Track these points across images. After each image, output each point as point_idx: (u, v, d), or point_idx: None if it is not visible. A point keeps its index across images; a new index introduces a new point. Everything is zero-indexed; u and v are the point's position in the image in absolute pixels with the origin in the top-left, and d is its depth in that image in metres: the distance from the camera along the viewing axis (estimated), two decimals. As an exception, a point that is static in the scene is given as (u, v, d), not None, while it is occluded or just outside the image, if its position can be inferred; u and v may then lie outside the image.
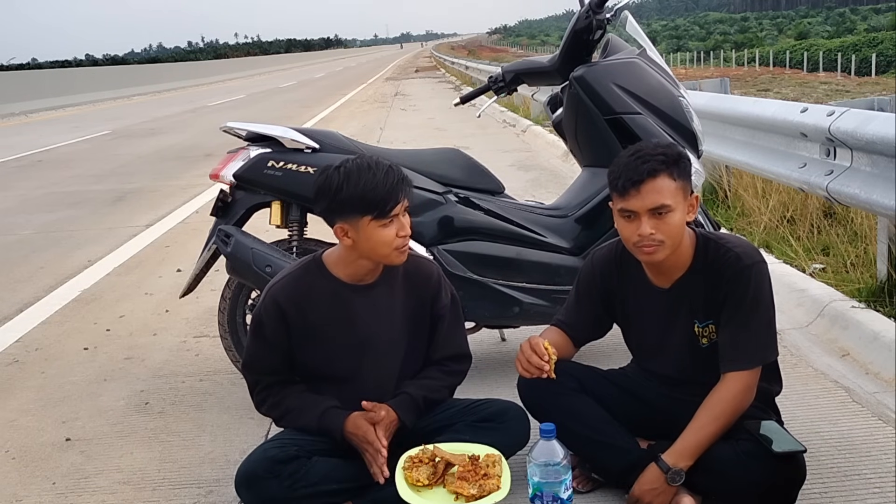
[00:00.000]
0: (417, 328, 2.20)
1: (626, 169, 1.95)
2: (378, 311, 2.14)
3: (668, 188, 1.93)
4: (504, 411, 2.17)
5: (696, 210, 2.02)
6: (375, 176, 1.97)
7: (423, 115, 14.36)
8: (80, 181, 8.96)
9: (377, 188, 1.97)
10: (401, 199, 2.00)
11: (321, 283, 2.12)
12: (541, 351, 2.00)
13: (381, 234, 2.00)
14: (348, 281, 2.12)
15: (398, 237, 2.02)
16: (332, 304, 2.11)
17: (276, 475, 1.98)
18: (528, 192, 6.19)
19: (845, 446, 2.29)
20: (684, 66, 47.64)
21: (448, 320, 2.22)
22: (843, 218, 4.37)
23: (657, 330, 2.14)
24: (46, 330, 3.89)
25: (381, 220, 1.98)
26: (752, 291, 1.98)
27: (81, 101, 27.21)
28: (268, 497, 1.99)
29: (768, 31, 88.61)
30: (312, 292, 2.11)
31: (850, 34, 61.48)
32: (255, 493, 2.00)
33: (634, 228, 1.96)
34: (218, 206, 2.79)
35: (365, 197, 1.96)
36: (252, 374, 2.20)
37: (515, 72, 3.21)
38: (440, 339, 2.22)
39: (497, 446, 2.06)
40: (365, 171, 1.98)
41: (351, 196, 1.97)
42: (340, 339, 2.13)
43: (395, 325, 2.17)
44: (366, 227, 1.99)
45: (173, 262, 4.97)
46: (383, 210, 1.98)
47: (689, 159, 2.03)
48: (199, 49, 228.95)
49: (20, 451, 2.65)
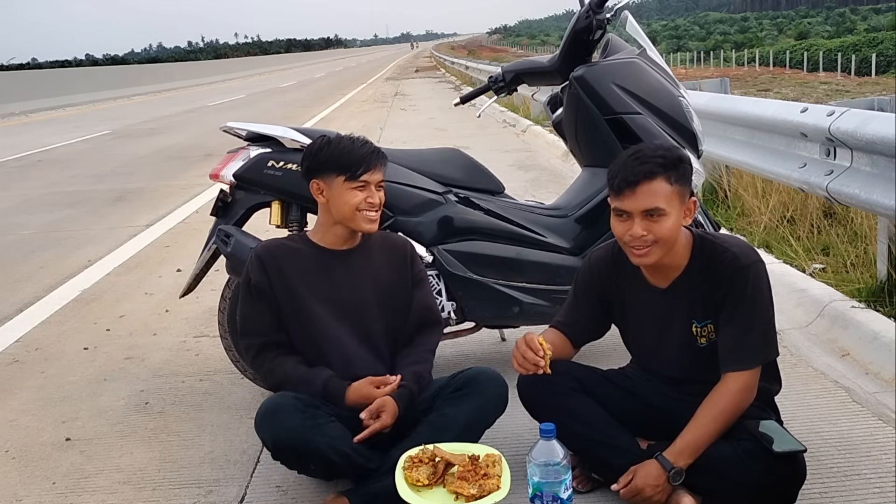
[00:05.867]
0: (397, 293, 2.34)
1: (624, 168, 1.96)
2: (356, 275, 2.29)
3: (663, 191, 1.94)
4: (475, 376, 2.23)
5: (692, 215, 2.02)
6: (354, 144, 2.24)
7: (423, 115, 14.36)
8: (80, 181, 8.96)
9: (353, 153, 2.22)
10: (372, 168, 2.22)
11: (302, 247, 2.31)
12: (535, 347, 2.01)
13: (350, 195, 2.21)
14: (327, 246, 2.29)
15: (366, 202, 2.21)
16: (311, 267, 2.27)
17: (301, 411, 2.06)
18: (528, 192, 6.19)
19: (845, 446, 2.29)
20: (684, 66, 47.64)
21: (423, 286, 2.42)
22: (843, 218, 4.37)
23: (655, 330, 2.14)
24: (46, 330, 3.89)
25: (352, 182, 2.20)
26: (751, 291, 1.98)
27: (81, 101, 27.21)
28: (288, 427, 2.02)
29: (768, 31, 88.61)
30: (293, 254, 2.29)
31: (850, 34, 61.45)
32: (276, 423, 2.04)
33: (626, 228, 1.97)
34: (218, 206, 2.79)
35: (341, 158, 2.21)
36: (246, 338, 2.29)
37: (515, 72, 3.21)
38: (417, 303, 2.37)
39: (477, 412, 2.15)
40: (346, 140, 2.26)
41: (329, 156, 2.22)
42: (321, 301, 2.24)
43: (374, 288, 2.30)
44: (339, 186, 2.21)
45: (173, 262, 4.97)
46: (354, 173, 2.20)
47: (689, 164, 2.03)
48: (199, 49, 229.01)
49: (20, 451, 2.65)
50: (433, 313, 2.42)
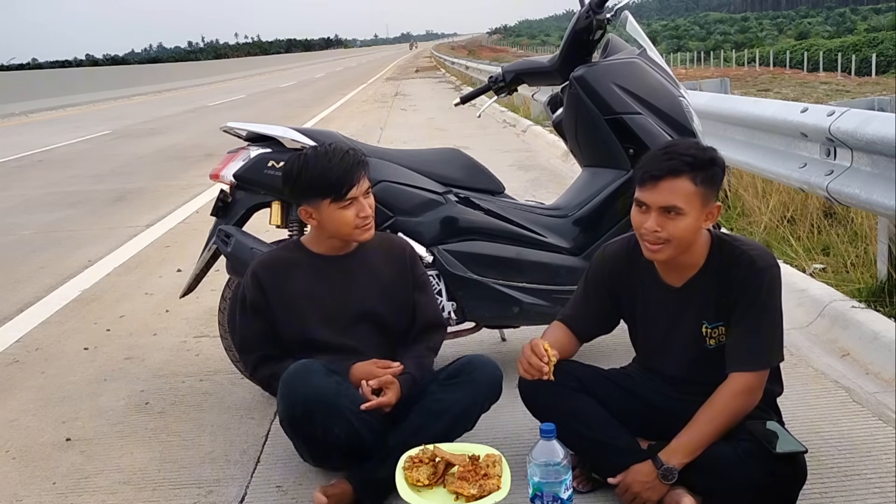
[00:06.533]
0: (397, 296, 2.30)
1: (652, 161, 1.95)
2: (354, 280, 2.25)
3: (684, 191, 1.91)
4: (469, 363, 2.23)
5: (714, 219, 1.99)
6: (331, 161, 2.12)
7: (423, 115, 14.36)
8: (80, 181, 8.96)
9: (331, 171, 2.11)
10: (356, 182, 2.13)
11: (298, 256, 2.27)
12: (540, 352, 2.01)
13: (341, 215, 2.14)
14: (323, 254, 2.26)
15: (358, 217, 2.15)
16: (308, 274, 2.23)
17: (327, 375, 2.06)
18: (528, 192, 6.19)
19: (845, 446, 2.29)
20: (684, 66, 47.64)
21: (427, 290, 2.39)
22: (843, 218, 4.37)
23: (664, 328, 2.13)
24: (46, 330, 3.89)
25: (340, 202, 2.12)
26: (765, 295, 1.97)
27: (81, 101, 27.20)
28: (318, 385, 2.01)
29: (768, 31, 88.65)
30: (290, 264, 2.24)
31: (850, 34, 61.51)
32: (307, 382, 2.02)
33: (643, 220, 1.97)
34: (218, 206, 2.79)
35: (322, 181, 2.11)
36: (245, 355, 2.28)
37: (515, 72, 3.22)
38: (422, 307, 2.35)
39: (471, 398, 2.14)
40: (322, 157, 2.13)
41: (310, 181, 2.12)
42: (318, 308, 2.22)
43: (374, 290, 2.27)
44: (326, 209, 2.14)
45: (173, 262, 4.97)
46: (339, 193, 2.12)
47: (722, 167, 1.98)
48: (199, 49, 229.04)
49: (20, 451, 2.65)
50: (437, 317, 2.41)
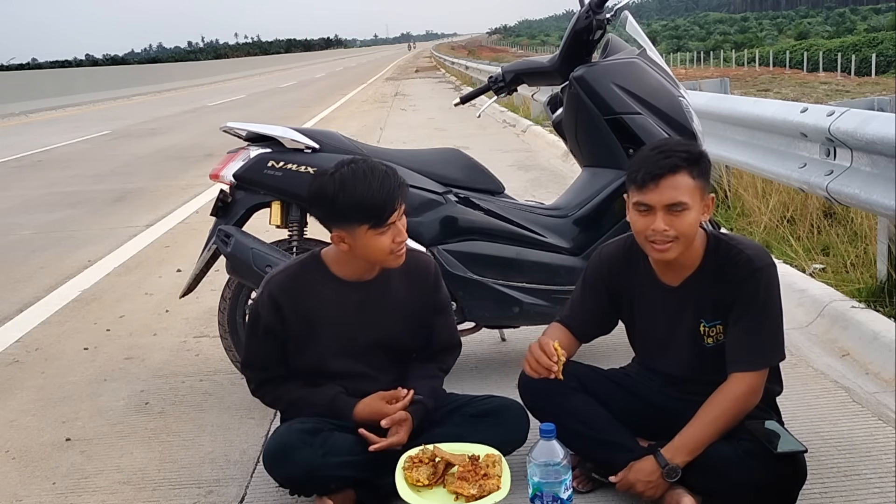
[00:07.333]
0: (417, 322, 2.22)
1: (648, 162, 1.95)
2: (376, 307, 2.15)
3: (686, 186, 1.93)
4: (504, 408, 2.19)
5: (710, 211, 2.01)
6: (371, 185, 1.95)
7: (423, 115, 14.36)
8: (80, 181, 8.96)
9: (374, 197, 1.95)
10: (398, 207, 2.00)
11: (318, 278, 2.13)
12: (550, 351, 2.00)
13: (378, 241, 2.00)
14: (346, 278, 2.12)
15: (394, 243, 2.02)
16: (328, 299, 2.12)
17: (310, 444, 1.99)
18: (528, 192, 6.19)
19: (845, 446, 2.29)
20: (684, 66, 47.64)
21: (447, 312, 2.30)
22: (843, 218, 4.38)
23: (662, 327, 2.14)
24: (46, 330, 3.89)
25: (379, 228, 1.98)
26: (763, 294, 1.98)
27: (81, 101, 27.19)
28: (303, 465, 1.97)
29: (768, 31, 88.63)
30: (309, 288, 2.12)
31: (850, 34, 61.48)
32: (290, 464, 1.98)
33: (648, 223, 1.95)
34: (218, 206, 2.79)
35: (362, 206, 1.95)
36: (250, 371, 2.22)
37: (515, 72, 3.21)
38: (440, 329, 2.27)
39: (494, 442, 2.07)
40: (361, 180, 1.95)
41: (347, 205, 1.95)
42: (337, 335, 2.14)
43: (394, 320, 2.17)
44: (363, 235, 1.99)
45: (173, 262, 4.97)
46: (380, 219, 1.97)
47: (709, 159, 2.01)
48: (199, 49, 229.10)
49: (20, 451, 2.65)
50: (453, 339, 2.34)
